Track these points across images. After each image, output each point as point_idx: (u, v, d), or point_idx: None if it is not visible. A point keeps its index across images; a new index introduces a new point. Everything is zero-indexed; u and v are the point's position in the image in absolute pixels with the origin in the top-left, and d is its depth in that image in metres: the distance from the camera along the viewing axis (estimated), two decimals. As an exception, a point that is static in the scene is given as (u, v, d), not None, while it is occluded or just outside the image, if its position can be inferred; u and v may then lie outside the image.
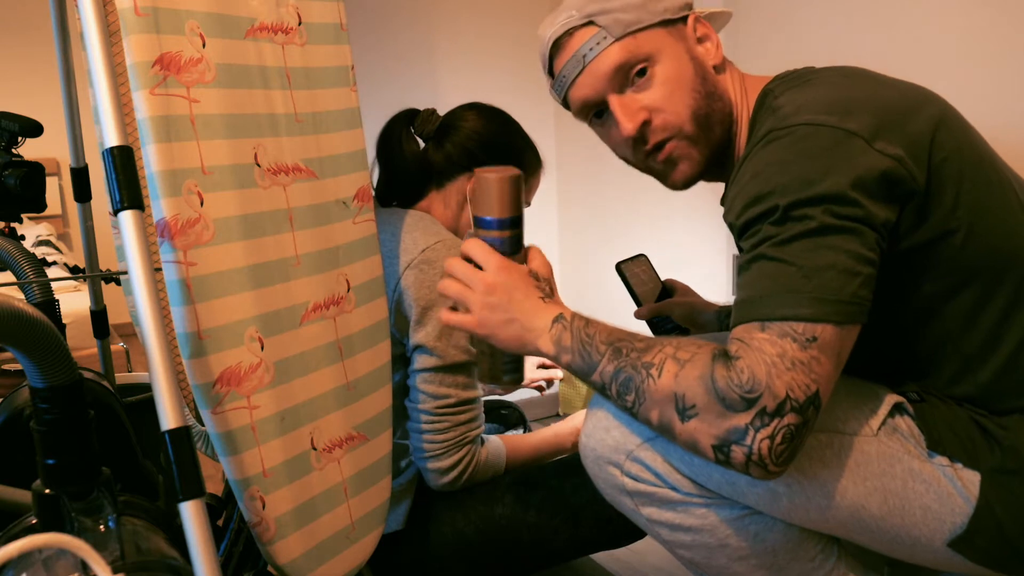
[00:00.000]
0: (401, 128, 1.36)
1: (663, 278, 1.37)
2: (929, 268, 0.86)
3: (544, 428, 1.47)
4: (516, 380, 1.03)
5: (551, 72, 1.03)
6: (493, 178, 0.94)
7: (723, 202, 0.96)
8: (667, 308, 1.31)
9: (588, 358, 0.88)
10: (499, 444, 1.35)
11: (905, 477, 0.86)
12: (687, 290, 1.36)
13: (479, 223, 0.97)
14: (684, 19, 0.99)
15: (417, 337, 1.25)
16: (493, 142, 1.34)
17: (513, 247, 0.97)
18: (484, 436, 1.33)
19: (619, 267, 1.34)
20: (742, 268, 0.83)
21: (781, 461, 0.77)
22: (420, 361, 1.25)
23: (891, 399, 0.90)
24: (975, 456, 0.86)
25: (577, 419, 1.45)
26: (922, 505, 0.86)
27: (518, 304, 0.92)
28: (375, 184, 1.40)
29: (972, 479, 0.85)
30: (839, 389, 0.84)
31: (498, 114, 1.38)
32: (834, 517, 0.88)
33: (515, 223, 0.96)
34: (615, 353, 0.86)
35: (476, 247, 0.96)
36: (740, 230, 0.85)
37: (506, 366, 1.01)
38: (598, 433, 0.97)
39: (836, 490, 0.87)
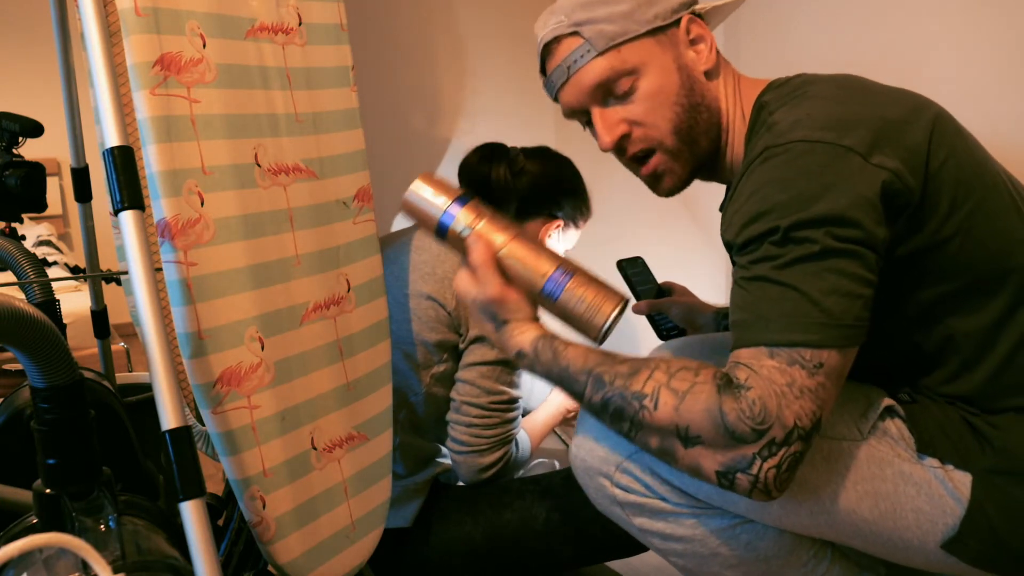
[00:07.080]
0: (494, 162, 1.43)
1: (662, 280, 1.40)
2: (926, 273, 0.85)
3: (540, 409, 1.52)
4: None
5: (544, 71, 1.02)
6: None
7: (722, 215, 0.95)
8: (665, 306, 1.32)
9: (570, 388, 0.88)
10: (527, 441, 1.39)
11: (896, 480, 0.86)
12: (685, 291, 1.37)
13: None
14: (677, 22, 0.95)
15: (477, 329, 1.26)
16: (561, 188, 1.46)
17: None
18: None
19: (620, 264, 1.38)
20: (740, 286, 0.82)
21: (783, 487, 0.78)
22: (479, 353, 1.27)
23: (881, 402, 0.89)
24: (966, 457, 0.85)
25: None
26: (914, 508, 0.85)
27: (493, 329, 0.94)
28: None
29: (963, 480, 0.84)
30: None
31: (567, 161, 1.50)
32: (826, 522, 0.88)
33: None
34: (597, 382, 0.85)
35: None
36: (739, 248, 0.83)
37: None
38: (587, 444, 0.96)
39: (827, 495, 0.86)
